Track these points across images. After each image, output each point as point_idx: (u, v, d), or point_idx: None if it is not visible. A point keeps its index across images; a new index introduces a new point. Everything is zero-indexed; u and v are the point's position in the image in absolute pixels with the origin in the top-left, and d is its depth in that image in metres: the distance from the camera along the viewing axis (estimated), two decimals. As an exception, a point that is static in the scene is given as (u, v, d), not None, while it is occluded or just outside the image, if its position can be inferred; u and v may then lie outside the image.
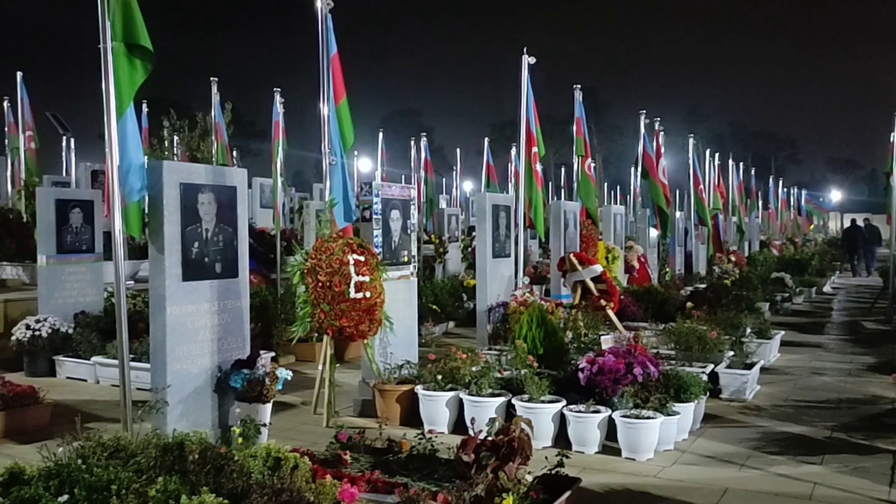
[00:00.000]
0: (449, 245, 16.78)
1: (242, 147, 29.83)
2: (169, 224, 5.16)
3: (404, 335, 7.06)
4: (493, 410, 5.79)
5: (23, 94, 13.54)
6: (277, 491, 3.46)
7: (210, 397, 5.50)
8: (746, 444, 5.80)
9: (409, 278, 7.36)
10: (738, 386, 7.22)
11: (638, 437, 5.41)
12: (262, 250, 12.37)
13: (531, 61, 9.43)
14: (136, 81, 4.97)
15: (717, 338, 7.58)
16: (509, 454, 4.12)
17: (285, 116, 11.85)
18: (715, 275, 15.51)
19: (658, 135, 14.32)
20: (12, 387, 6.26)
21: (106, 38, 4.80)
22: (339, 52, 6.83)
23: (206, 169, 5.64)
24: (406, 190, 7.49)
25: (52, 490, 3.44)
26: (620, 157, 58.46)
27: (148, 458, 3.86)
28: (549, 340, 6.71)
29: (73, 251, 9.00)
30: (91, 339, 8.17)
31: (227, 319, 5.62)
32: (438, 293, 12.02)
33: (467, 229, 19.22)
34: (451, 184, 28.26)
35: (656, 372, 5.78)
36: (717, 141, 52.76)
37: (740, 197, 22.20)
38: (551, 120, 20.06)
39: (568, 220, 10.76)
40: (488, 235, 8.87)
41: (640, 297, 10.73)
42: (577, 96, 11.51)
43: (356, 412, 6.73)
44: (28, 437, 5.83)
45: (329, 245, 6.23)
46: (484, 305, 8.73)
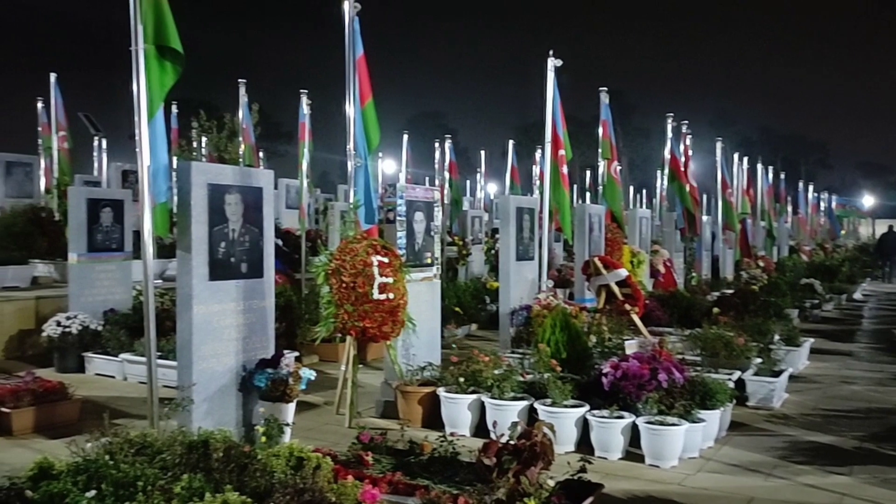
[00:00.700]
0: (472, 247, 16.77)
1: (269, 148, 30.09)
2: (196, 224, 5.22)
3: (427, 337, 7.07)
4: (516, 414, 5.78)
5: (56, 95, 13.78)
6: (300, 491, 3.48)
7: (234, 396, 5.55)
8: (773, 453, 5.71)
9: (432, 280, 7.37)
10: (765, 394, 7.12)
11: (662, 443, 5.35)
12: (288, 250, 12.47)
13: (557, 63, 9.39)
14: (167, 83, 5.04)
15: (745, 344, 7.48)
16: (531, 458, 4.11)
17: (311, 118, 11.93)
18: (742, 280, 15.32)
19: (685, 138, 14.20)
20: (42, 382, 6.38)
21: (137, 40, 4.88)
22: (365, 53, 6.87)
23: (233, 170, 5.71)
24: (430, 192, 7.51)
25: (79, 485, 3.50)
26: (647, 161, 58.02)
27: (173, 455, 3.91)
28: (572, 345, 6.67)
29: (103, 250, 9.15)
30: (119, 337, 8.29)
31: (252, 319, 5.67)
32: (461, 295, 12.01)
33: (491, 231, 19.19)
34: (474, 186, 28.24)
35: (681, 378, 5.72)
36: (745, 145, 52.15)
37: (770, 201, 21.90)
38: (577, 122, 19.97)
39: (593, 224, 10.71)
40: (512, 238, 8.85)
41: (665, 301, 10.64)
42: (604, 99, 11.44)
43: (378, 413, 6.75)
44: (57, 432, 5.93)
45: (353, 246, 6.26)
46: (507, 308, 8.71)
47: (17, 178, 14.85)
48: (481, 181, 26.14)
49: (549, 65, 9.39)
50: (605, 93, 11.47)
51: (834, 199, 40.78)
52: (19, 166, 14.94)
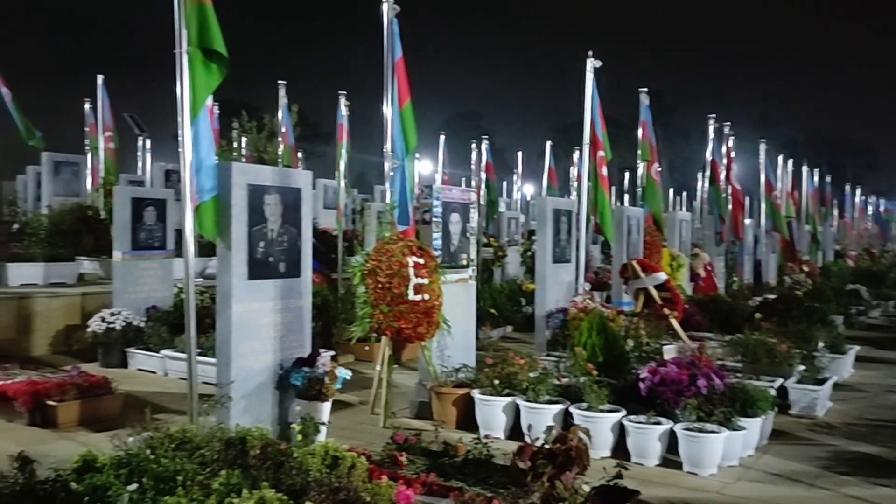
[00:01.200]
0: (508, 248, 16.71)
1: (307, 149, 30.36)
2: (236, 224, 5.29)
3: (462, 338, 7.07)
4: (551, 418, 5.75)
5: (103, 95, 14.10)
6: (335, 489, 3.51)
7: (272, 394, 5.62)
8: (816, 463, 5.59)
9: (467, 282, 7.37)
10: (808, 402, 6.97)
11: (701, 451, 5.27)
12: (325, 250, 12.57)
13: (597, 64, 9.31)
14: (212, 85, 5.10)
15: (788, 351, 7.34)
16: (566, 463, 4.08)
17: (350, 119, 12.02)
18: (786, 285, 15.00)
19: (728, 140, 13.97)
20: (87, 377, 6.56)
21: (182, 43, 4.96)
22: (403, 55, 6.89)
23: (272, 171, 5.78)
24: (466, 193, 7.50)
25: (122, 478, 3.58)
26: (687, 162, 57.14)
27: (212, 451, 3.97)
28: (609, 348, 6.61)
29: (146, 248, 9.34)
30: (161, 333, 8.45)
31: (290, 318, 5.73)
32: (497, 297, 11.99)
33: (527, 233, 19.11)
34: (511, 187, 28.15)
35: (721, 384, 5.62)
36: (789, 147, 50.99)
37: (814, 205, 21.42)
38: (616, 123, 19.73)
39: (631, 226, 10.60)
40: (549, 240, 8.80)
41: (705, 306, 10.49)
42: (643, 100, 11.32)
43: (413, 414, 6.77)
44: (101, 425, 6.06)
45: (389, 247, 6.29)
46: (543, 311, 8.67)
47: (64, 178, 15.22)
48: (518, 182, 26.04)
49: (588, 65, 9.31)
50: (644, 94, 11.34)
51: (882, 202, 39.69)
52: (67, 166, 15.32)
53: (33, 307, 9.09)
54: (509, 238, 17.59)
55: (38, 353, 8.94)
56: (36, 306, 9.12)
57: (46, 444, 5.64)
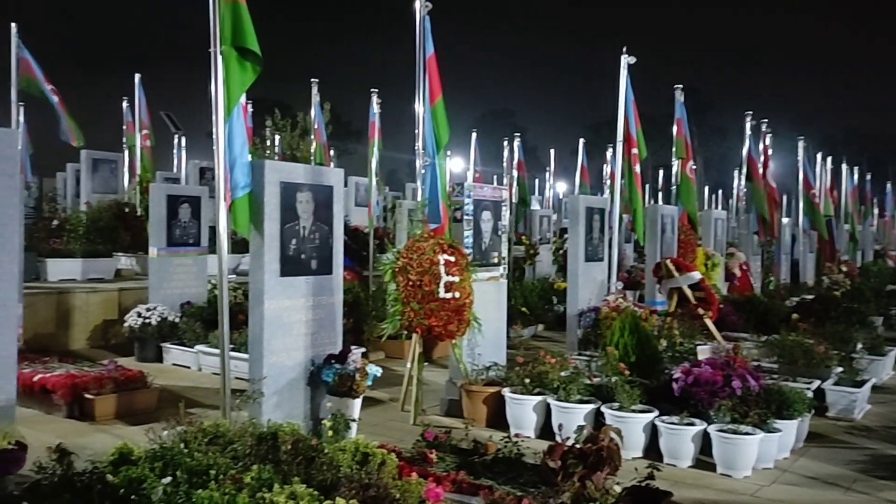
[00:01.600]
0: (540, 247, 16.64)
1: (339, 147, 30.58)
2: (269, 221, 5.34)
3: (492, 336, 7.05)
4: (582, 417, 5.70)
5: (140, 94, 14.32)
6: (365, 486, 3.52)
7: (303, 390, 5.66)
8: (853, 467, 5.48)
9: (498, 280, 7.34)
10: (846, 404, 6.82)
11: (735, 452, 5.19)
12: (356, 248, 12.63)
13: (631, 61, 9.21)
14: (246, 83, 5.15)
15: (825, 352, 7.19)
16: (597, 463, 4.05)
17: (381, 117, 12.05)
18: (824, 285, 14.71)
19: (765, 137, 13.72)
20: (123, 371, 6.68)
21: (216, 42, 5.02)
22: (435, 52, 6.88)
23: (304, 168, 5.82)
24: (498, 191, 7.48)
25: (156, 471, 3.63)
26: (723, 160, 56.32)
27: (244, 445, 4.02)
28: (641, 348, 6.54)
29: (181, 244, 9.48)
30: (195, 329, 8.56)
31: (321, 315, 5.77)
32: (528, 295, 11.93)
33: (559, 231, 19.01)
34: (543, 185, 28.01)
35: (756, 386, 5.53)
36: (829, 144, 49.97)
37: (854, 204, 20.96)
38: (649, 120, 19.45)
39: (665, 225, 10.47)
40: (581, 238, 8.74)
41: (740, 306, 10.33)
42: (678, 96, 11.17)
43: (443, 411, 6.77)
44: (137, 418, 6.18)
45: (420, 244, 6.30)
46: (575, 310, 8.61)
47: (102, 175, 15.50)
48: (550, 180, 25.91)
49: (622, 62, 9.22)
50: (679, 90, 11.20)
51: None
52: (105, 163, 15.59)
53: (72, 302, 9.29)
54: (541, 236, 17.51)
55: (76, 347, 9.13)
56: (74, 301, 9.31)
57: (84, 436, 5.75)
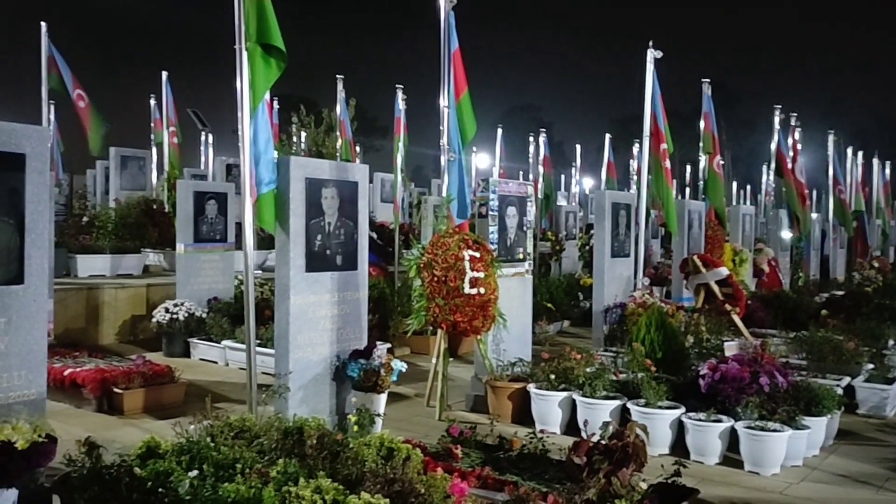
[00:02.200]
0: (566, 243, 16.55)
1: (365, 143, 30.69)
2: (294, 217, 5.37)
3: (518, 332, 7.03)
4: (608, 413, 5.66)
5: (167, 91, 14.49)
6: (390, 480, 3.53)
7: (328, 385, 5.69)
8: (885, 465, 5.37)
9: (524, 276, 7.32)
10: (877, 401, 6.70)
11: (763, 450, 5.12)
12: (382, 243, 12.67)
13: (657, 55, 9.12)
14: (270, 79, 5.19)
15: (855, 349, 7.07)
16: (623, 459, 4.02)
17: (407, 113, 12.07)
18: (855, 281, 14.47)
19: (794, 131, 13.52)
20: (151, 366, 6.76)
21: (241, 39, 5.05)
22: (460, 47, 6.86)
23: (330, 165, 5.84)
24: (523, 187, 7.45)
25: (183, 464, 3.68)
26: (751, 154, 55.49)
27: (270, 440, 4.05)
28: (668, 344, 6.48)
29: (208, 240, 9.57)
30: (222, 324, 8.64)
31: (347, 310, 5.79)
32: (554, 291, 11.89)
33: (585, 227, 18.90)
34: (569, 180, 27.85)
35: (785, 382, 5.45)
36: (860, 137, 49.06)
37: (886, 198, 20.56)
38: (676, 115, 19.18)
39: (692, 220, 10.37)
40: (607, 234, 8.68)
41: (769, 302, 10.19)
42: (706, 90, 11.05)
43: (468, 407, 6.77)
44: (164, 412, 6.26)
45: (445, 240, 6.29)
46: (601, 306, 8.55)
47: (131, 172, 15.70)
48: (576, 176, 25.75)
49: (649, 56, 9.13)
50: (707, 84, 11.07)
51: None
52: (133, 160, 15.79)
53: (101, 297, 9.43)
54: (567, 232, 17.43)
55: (105, 341, 9.27)
56: (104, 297, 9.46)
57: (113, 430, 5.84)
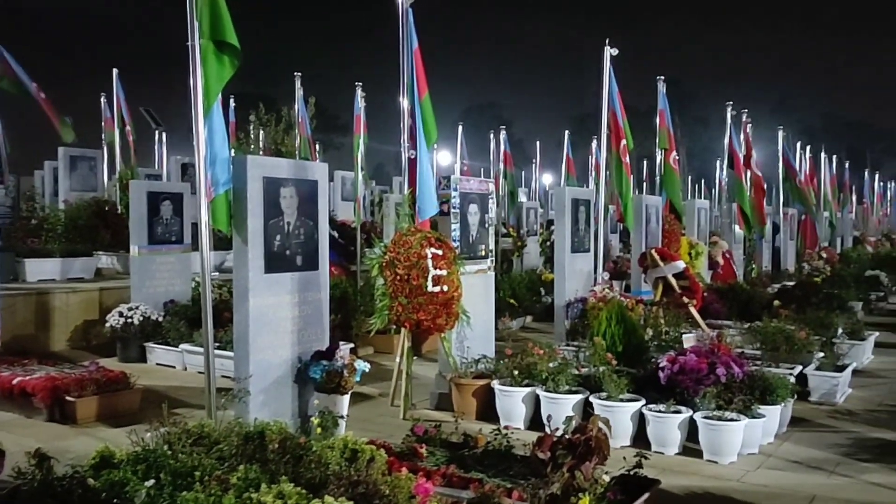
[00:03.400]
0: (527, 238, 16.66)
1: (325, 140, 30.44)
2: (252, 217, 5.28)
3: (481, 329, 7.05)
4: (570, 408, 5.71)
5: (118, 89, 14.15)
6: (354, 483, 3.50)
7: (290, 387, 5.62)
8: (836, 450, 5.53)
9: (486, 272, 7.33)
10: (828, 389, 6.89)
11: (720, 439, 5.23)
12: (343, 242, 12.59)
13: (614, 53, 9.22)
14: (224, 77, 5.10)
15: (807, 338, 7.26)
16: (586, 453, 4.05)
17: (367, 110, 11.99)
18: (804, 272, 14.85)
19: (745, 127, 13.80)
20: (105, 372, 6.58)
21: (194, 35, 4.95)
22: (419, 46, 6.83)
23: (288, 163, 5.77)
24: (485, 184, 7.46)
25: (139, 474, 3.58)
26: (705, 150, 56.56)
27: (230, 445, 3.97)
28: (628, 338, 6.57)
29: (163, 242, 9.38)
30: (179, 327, 8.47)
31: (308, 311, 5.73)
32: (516, 287, 11.95)
33: (546, 223, 19.04)
34: (530, 177, 28.03)
35: (740, 372, 5.57)
36: (808, 133, 50.37)
37: (833, 191, 21.18)
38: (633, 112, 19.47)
39: (650, 215, 10.51)
40: (567, 230, 8.74)
41: (724, 294, 10.40)
42: (661, 88, 11.21)
43: (432, 405, 6.76)
44: (119, 420, 6.10)
45: (407, 238, 6.27)
46: (562, 301, 8.62)
47: (81, 172, 15.27)
48: (536, 172, 25.94)
49: (606, 54, 9.22)
50: (662, 82, 11.22)
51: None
52: (83, 160, 15.34)
53: (52, 303, 9.17)
54: (528, 228, 17.53)
55: (56, 348, 9.02)
56: (54, 302, 9.20)
57: (65, 439, 5.68)
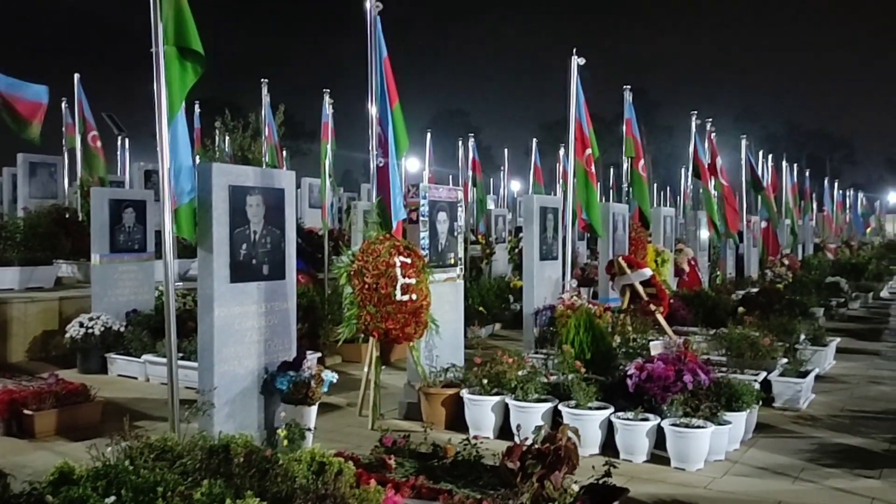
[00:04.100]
0: (495, 246, 16.69)
1: (292, 147, 30.19)
2: (218, 226, 5.20)
3: (450, 338, 7.02)
4: (540, 416, 5.72)
5: (80, 95, 13.87)
6: (321, 496, 3.45)
7: (256, 399, 5.54)
8: (801, 456, 5.60)
9: (455, 280, 7.32)
10: (791, 394, 7.00)
11: (688, 446, 5.26)
12: (310, 250, 12.47)
13: (580, 62, 9.29)
14: (188, 84, 5.03)
15: (770, 344, 7.35)
16: (556, 462, 4.05)
17: (335, 117, 11.92)
18: (767, 279, 15.11)
19: (710, 136, 14.01)
20: (65, 384, 6.39)
21: (158, 41, 4.87)
22: (389, 54, 6.80)
23: (254, 171, 5.69)
24: (453, 192, 7.45)
25: (99, 490, 3.47)
26: (670, 158, 57.45)
27: (194, 460, 3.88)
28: (596, 345, 6.60)
29: (125, 250, 9.20)
30: (142, 338, 8.31)
31: (274, 321, 5.66)
32: (485, 295, 11.95)
33: (514, 230, 19.11)
34: (498, 184, 28.14)
35: (707, 379, 5.62)
36: (770, 141, 51.47)
37: (794, 198, 21.61)
38: (599, 120, 19.56)
39: (617, 223, 10.60)
40: (536, 237, 8.77)
41: (690, 301, 10.51)
42: (627, 97, 11.32)
43: (401, 415, 6.71)
44: (79, 434, 5.94)
45: (376, 247, 6.22)
46: (531, 308, 8.64)
47: (41, 179, 14.97)
48: (504, 179, 26.04)
49: (573, 63, 9.29)
50: (628, 91, 11.34)
51: (861, 195, 40.13)
52: (43, 167, 15.05)
53: (9, 313, 8.92)
54: (497, 235, 17.58)
55: (14, 360, 8.78)
56: (12, 312, 8.95)
57: (23, 454, 5.52)
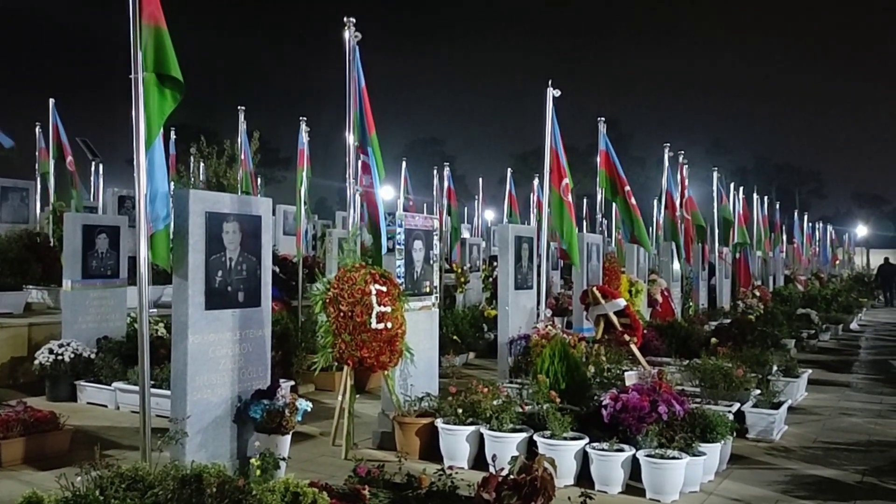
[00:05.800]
0: (470, 274, 16.72)
1: (267, 174, 30.17)
2: (193, 252, 5.17)
3: (425, 366, 7.01)
4: (515, 446, 5.70)
5: (55, 119, 13.76)
6: (295, 527, 3.40)
7: (229, 427, 5.46)
8: (774, 487, 5.64)
9: (430, 309, 7.32)
10: (765, 426, 7.06)
11: (663, 477, 5.28)
12: (285, 277, 12.41)
13: (556, 94, 9.44)
14: (166, 111, 5.03)
15: (744, 375, 7.43)
16: (531, 494, 4.05)
17: (310, 145, 11.95)
18: (739, 310, 15.30)
19: (682, 168, 14.24)
20: (33, 412, 6.24)
21: (137, 68, 4.87)
22: (366, 84, 6.87)
23: (231, 198, 5.68)
24: (429, 220, 7.49)
25: (69, 521, 3.41)
26: (643, 189, 58.20)
27: (166, 490, 3.82)
28: (571, 375, 6.61)
29: (98, 276, 9.07)
30: (112, 365, 8.17)
31: (249, 349, 5.61)
32: (459, 323, 11.96)
33: (488, 259, 19.18)
34: (472, 213, 28.28)
35: (682, 410, 5.66)
36: (740, 174, 52.49)
37: (764, 231, 22.00)
38: (572, 151, 19.92)
39: (591, 253, 10.69)
40: (510, 266, 8.82)
41: (663, 331, 10.60)
42: (602, 129, 11.47)
43: (375, 444, 6.66)
44: (47, 463, 5.81)
45: (352, 275, 6.22)
46: (505, 337, 8.66)
47: (12, 204, 14.77)
48: (479, 208, 26.18)
49: (549, 95, 9.43)
50: (602, 122, 11.51)
51: (830, 228, 40.97)
52: (15, 191, 14.87)
53: (-23, 338, 8.75)
54: (471, 264, 17.62)
55: (-19, 386, 8.59)
56: (-20, 338, 8.78)
57: (-11, 483, 5.38)
